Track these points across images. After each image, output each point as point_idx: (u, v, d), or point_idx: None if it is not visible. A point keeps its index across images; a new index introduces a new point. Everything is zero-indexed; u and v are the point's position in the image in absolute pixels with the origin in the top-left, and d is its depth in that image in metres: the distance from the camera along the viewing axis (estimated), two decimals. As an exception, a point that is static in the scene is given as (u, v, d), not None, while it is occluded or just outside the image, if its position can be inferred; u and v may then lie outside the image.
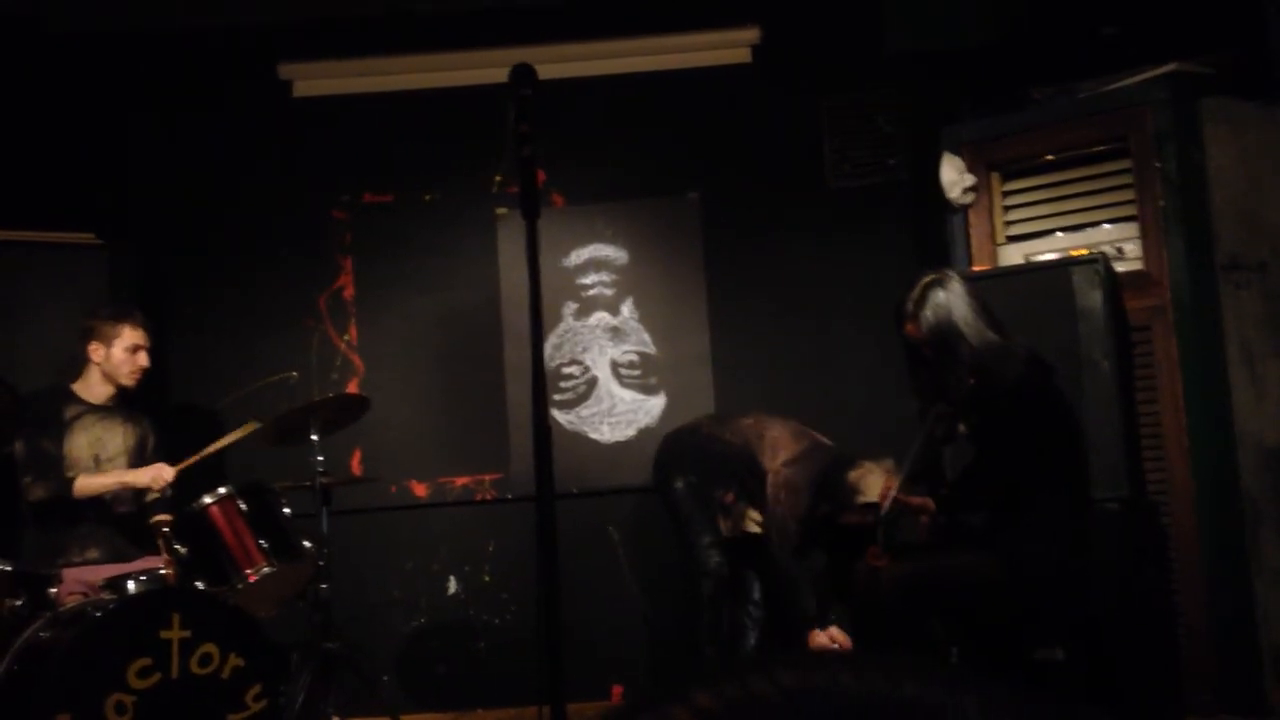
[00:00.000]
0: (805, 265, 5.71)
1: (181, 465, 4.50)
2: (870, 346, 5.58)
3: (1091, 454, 3.99)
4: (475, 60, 5.72)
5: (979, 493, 3.76)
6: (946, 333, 3.70)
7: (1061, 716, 0.59)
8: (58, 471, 4.48)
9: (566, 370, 5.74)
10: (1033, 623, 3.70)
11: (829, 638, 4.51)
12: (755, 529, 4.71)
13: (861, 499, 4.34)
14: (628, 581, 5.63)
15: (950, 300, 3.72)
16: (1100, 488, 4.07)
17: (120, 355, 4.59)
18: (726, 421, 4.88)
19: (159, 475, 4.43)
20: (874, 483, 4.32)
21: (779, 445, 4.66)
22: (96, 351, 4.59)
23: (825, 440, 4.73)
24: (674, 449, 4.89)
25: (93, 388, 4.62)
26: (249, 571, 4.09)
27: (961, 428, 3.80)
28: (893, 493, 3.72)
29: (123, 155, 5.75)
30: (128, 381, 4.63)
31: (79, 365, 4.64)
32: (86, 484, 4.45)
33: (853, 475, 4.40)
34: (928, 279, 3.77)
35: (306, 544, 4.34)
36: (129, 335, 4.60)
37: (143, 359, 4.63)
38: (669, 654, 5.46)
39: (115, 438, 4.65)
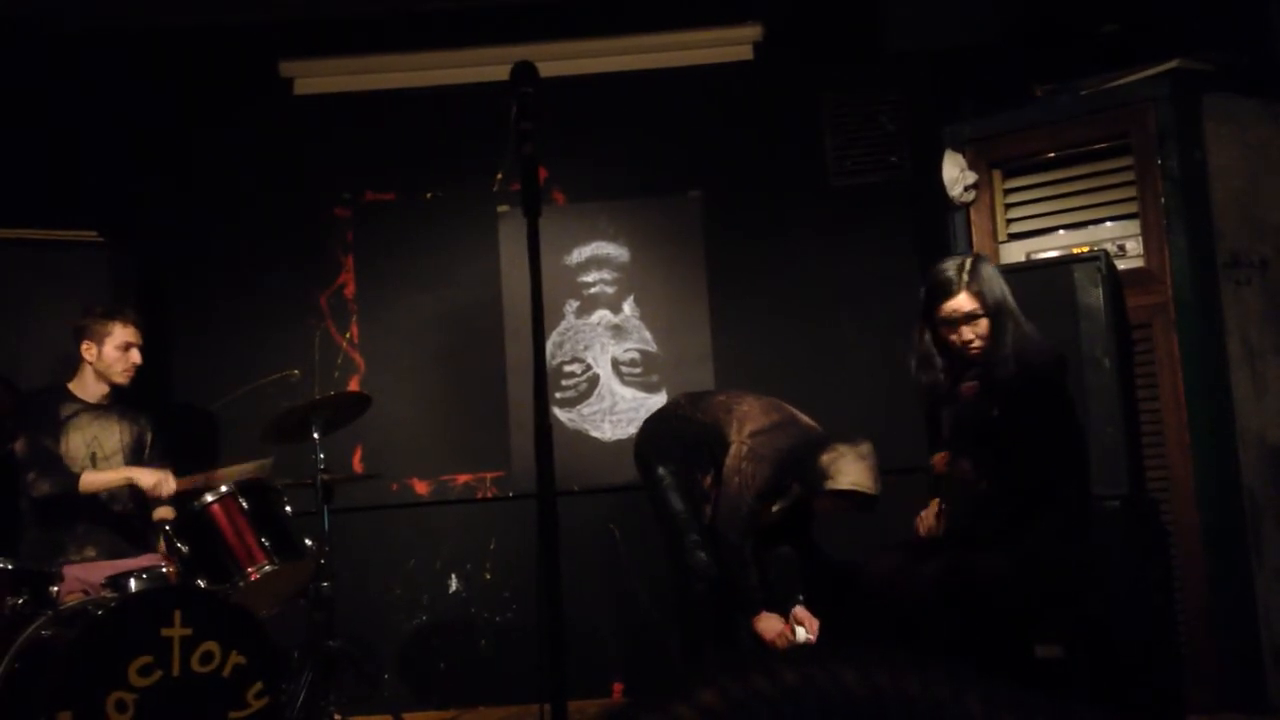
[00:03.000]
0: (807, 263, 5.71)
1: (187, 483, 4.49)
2: (872, 343, 5.59)
3: (1093, 451, 3.99)
4: (477, 58, 5.72)
5: (1015, 482, 3.69)
6: (1002, 306, 3.67)
7: (1063, 714, 0.59)
8: (62, 468, 4.48)
9: (568, 368, 5.74)
10: (1037, 619, 3.69)
11: (795, 619, 4.42)
12: None
13: (831, 484, 4.14)
14: (629, 579, 5.63)
15: (998, 276, 3.71)
16: (1101, 485, 4.07)
17: (112, 354, 4.59)
18: (699, 401, 4.69)
19: (163, 482, 4.42)
20: (845, 468, 4.13)
21: (748, 418, 4.45)
22: (89, 350, 4.59)
23: (804, 418, 4.53)
24: (650, 436, 4.75)
25: (88, 387, 4.63)
26: (250, 569, 4.09)
27: (995, 411, 3.70)
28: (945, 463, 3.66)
29: (125, 153, 5.75)
30: (121, 380, 4.63)
31: (73, 364, 4.65)
32: (92, 479, 4.45)
33: (825, 458, 4.17)
34: (970, 255, 3.74)
35: (308, 542, 4.34)
36: (120, 333, 4.59)
37: (135, 356, 4.63)
38: (670, 651, 5.46)
39: (111, 436, 4.65)
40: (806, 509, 4.48)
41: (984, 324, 3.65)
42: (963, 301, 3.67)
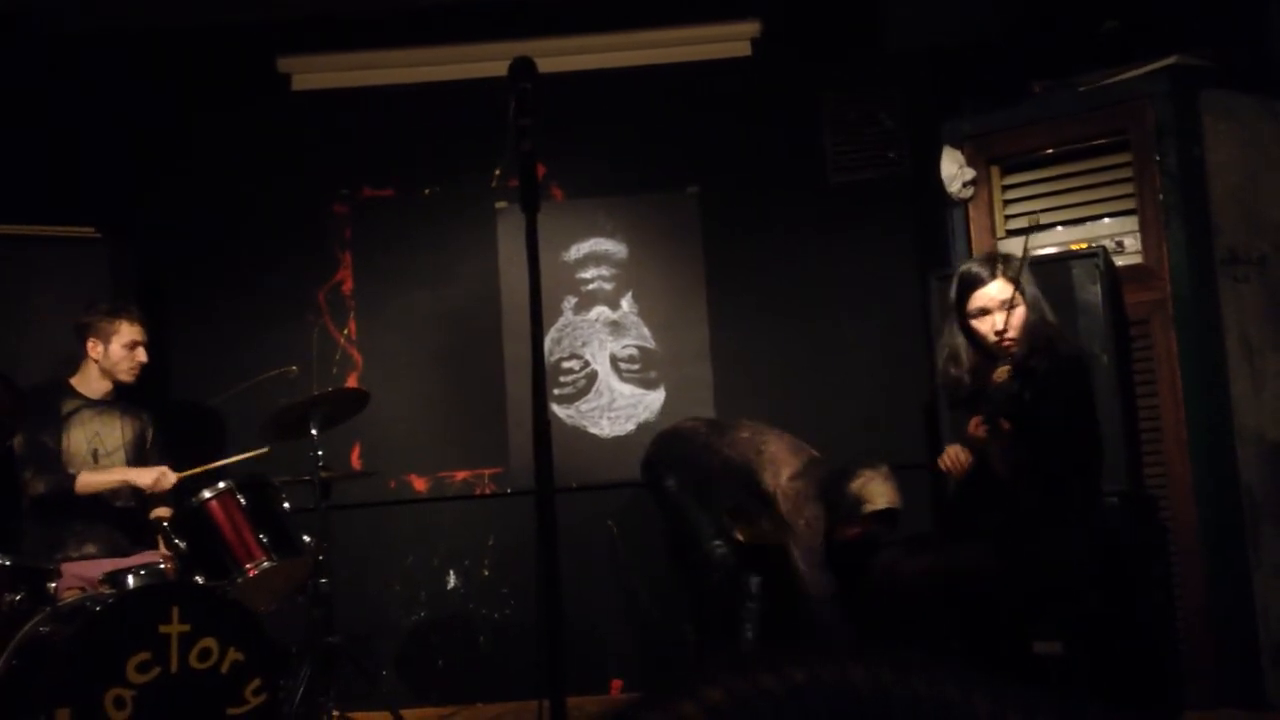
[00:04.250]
0: (805, 260, 5.70)
1: (185, 474, 4.50)
2: (871, 340, 5.59)
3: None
4: (475, 54, 5.71)
5: (1040, 466, 3.69)
6: (1036, 296, 3.72)
7: (1070, 713, 0.59)
8: (59, 466, 4.48)
9: (566, 365, 5.74)
10: (1033, 615, 3.70)
11: None
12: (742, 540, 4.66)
13: (869, 507, 4.18)
14: (627, 575, 5.63)
15: (1028, 270, 3.75)
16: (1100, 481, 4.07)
17: (119, 352, 4.59)
18: (724, 433, 4.70)
19: (162, 479, 4.44)
20: (878, 490, 4.17)
21: (779, 461, 4.46)
22: (95, 349, 4.58)
23: (816, 453, 4.57)
24: (667, 450, 4.77)
25: (91, 383, 4.62)
26: (248, 566, 4.09)
27: (1026, 395, 3.70)
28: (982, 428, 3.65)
29: (123, 150, 5.74)
30: (127, 378, 4.63)
31: (76, 361, 4.64)
32: (88, 481, 4.44)
33: (854, 485, 4.21)
34: (993, 250, 3.75)
35: (306, 538, 4.34)
36: (126, 332, 4.59)
37: (141, 355, 4.63)
38: (668, 648, 5.46)
39: (113, 432, 4.64)
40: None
41: (1018, 313, 3.67)
42: (998, 289, 3.70)
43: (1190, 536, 4.47)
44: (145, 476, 4.46)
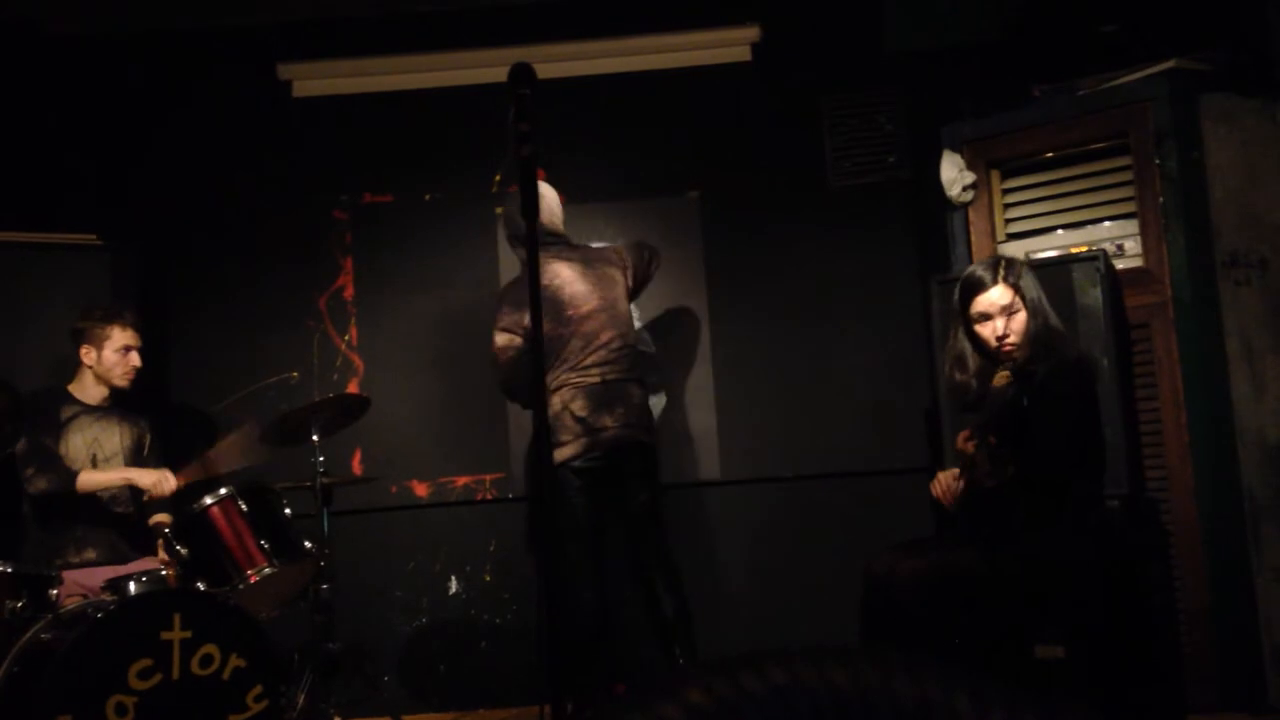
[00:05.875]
0: (805, 264, 5.70)
1: (185, 477, 4.50)
2: (871, 344, 5.58)
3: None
4: (474, 60, 5.72)
5: (1039, 473, 3.69)
6: (1038, 301, 3.74)
7: (1051, 711, 0.59)
8: (60, 465, 4.48)
9: (567, 369, 5.73)
10: (1038, 619, 3.69)
11: None
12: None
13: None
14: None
15: (1032, 274, 3.77)
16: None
17: (111, 357, 4.60)
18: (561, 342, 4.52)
19: (163, 481, 4.44)
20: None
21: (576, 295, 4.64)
22: (88, 354, 4.60)
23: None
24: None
25: (88, 389, 4.63)
26: (250, 572, 4.09)
27: (1025, 401, 3.70)
28: (971, 444, 3.66)
29: (123, 156, 5.75)
30: (121, 383, 4.64)
31: (73, 367, 4.65)
32: (90, 478, 4.45)
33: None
34: (997, 255, 3.77)
35: (307, 544, 4.34)
36: (119, 337, 4.60)
37: (134, 360, 4.64)
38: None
39: (112, 438, 4.65)
40: None
41: (1020, 319, 3.68)
42: (999, 294, 3.72)
43: (1191, 539, 4.46)
44: (147, 477, 4.47)
